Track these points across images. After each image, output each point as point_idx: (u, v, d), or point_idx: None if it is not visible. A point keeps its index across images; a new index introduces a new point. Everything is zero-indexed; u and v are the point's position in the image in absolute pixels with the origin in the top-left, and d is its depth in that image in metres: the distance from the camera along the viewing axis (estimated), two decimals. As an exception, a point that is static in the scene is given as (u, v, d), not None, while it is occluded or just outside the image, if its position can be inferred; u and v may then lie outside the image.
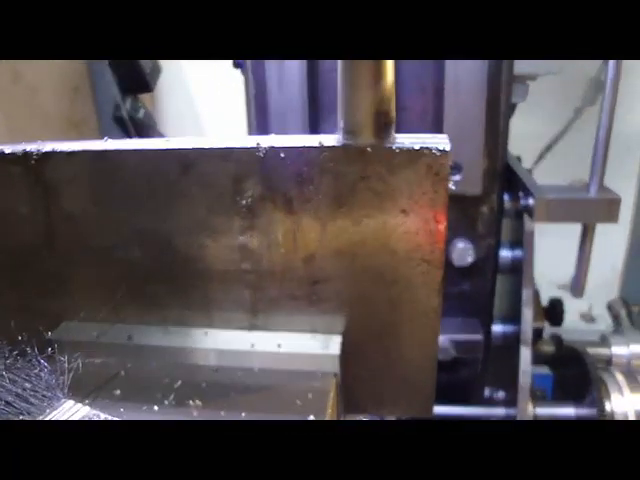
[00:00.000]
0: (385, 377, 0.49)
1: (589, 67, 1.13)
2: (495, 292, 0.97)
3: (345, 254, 0.46)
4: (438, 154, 0.42)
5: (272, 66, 0.90)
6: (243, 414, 0.43)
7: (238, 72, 1.20)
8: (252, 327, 0.50)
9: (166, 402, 0.45)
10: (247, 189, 0.45)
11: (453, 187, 0.43)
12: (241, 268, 0.48)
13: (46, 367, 0.41)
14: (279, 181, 0.44)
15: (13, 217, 0.50)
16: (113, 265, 0.50)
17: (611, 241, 1.39)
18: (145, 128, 1.51)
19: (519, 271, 0.95)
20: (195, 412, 0.44)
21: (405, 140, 0.43)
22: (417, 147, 0.42)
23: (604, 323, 1.17)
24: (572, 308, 1.45)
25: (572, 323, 1.25)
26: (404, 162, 0.42)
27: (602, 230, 0.93)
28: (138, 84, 1.50)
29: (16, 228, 0.51)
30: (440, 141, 0.43)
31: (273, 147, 0.44)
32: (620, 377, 0.87)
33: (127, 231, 0.49)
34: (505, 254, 0.98)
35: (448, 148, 0.42)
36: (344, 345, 0.48)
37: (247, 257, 0.47)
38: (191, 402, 0.44)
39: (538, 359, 0.96)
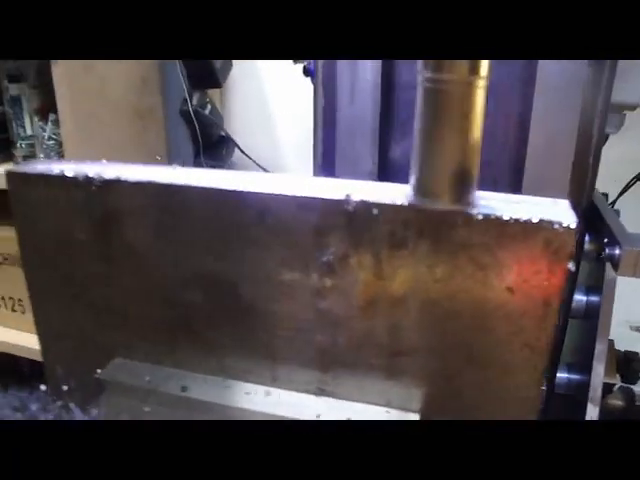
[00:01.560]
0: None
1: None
2: (564, 340, 0.89)
3: (435, 328, 0.39)
4: (560, 230, 0.34)
5: (344, 78, 0.83)
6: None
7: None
8: (320, 392, 0.43)
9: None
10: (330, 244, 0.39)
11: (573, 268, 0.35)
12: (314, 329, 0.41)
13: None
14: (368, 240, 0.38)
15: (72, 242, 0.46)
16: (172, 304, 0.45)
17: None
18: (210, 124, 1.47)
19: (592, 318, 0.87)
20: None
21: (515, 207, 0.36)
22: (535, 220, 0.35)
23: None
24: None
25: (648, 373, 1.14)
26: (517, 235, 0.35)
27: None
28: (207, 79, 1.45)
29: (75, 253, 0.46)
30: (563, 212, 0.35)
31: (365, 202, 0.37)
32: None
33: (190, 271, 0.43)
34: (579, 298, 0.90)
35: (574, 225, 0.34)
36: (421, 426, 0.41)
37: (322, 318, 0.41)
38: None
39: (603, 414, 0.87)
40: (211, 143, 1.50)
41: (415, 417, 0.42)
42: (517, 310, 0.37)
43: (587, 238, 0.87)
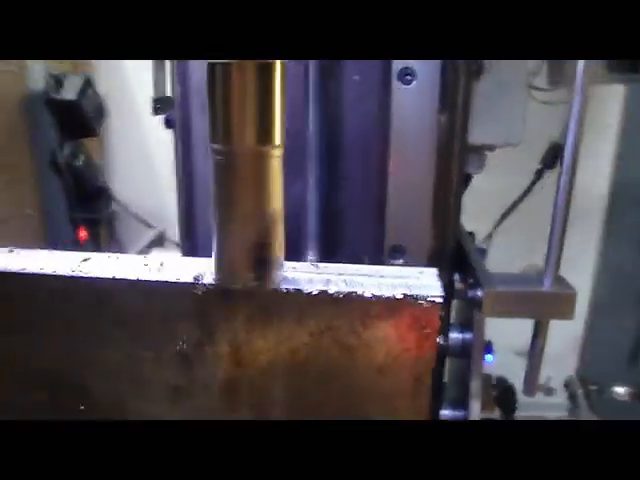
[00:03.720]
0: None
1: (550, 131, 1.08)
2: (442, 378, 0.88)
3: (304, 419, 0.34)
4: (426, 305, 0.31)
5: (198, 130, 0.77)
6: None
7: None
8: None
9: None
10: (181, 332, 0.33)
11: (442, 342, 0.32)
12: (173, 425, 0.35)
13: None
14: (223, 325, 0.33)
15: None
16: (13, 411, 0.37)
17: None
18: (84, 176, 1.36)
19: (468, 355, 0.86)
20: None
21: (378, 282, 0.33)
22: (399, 296, 0.31)
23: (563, 395, 1.07)
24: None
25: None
26: (382, 313, 0.32)
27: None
28: (80, 128, 1.35)
29: None
30: (428, 284, 0.32)
31: (212, 285, 0.32)
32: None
33: (29, 371, 0.36)
34: (455, 336, 0.89)
35: (440, 299, 0.31)
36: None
37: (182, 412, 0.35)
38: None
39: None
40: (87, 195, 1.39)
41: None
42: (390, 392, 0.33)
43: (457, 277, 0.87)
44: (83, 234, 1.39)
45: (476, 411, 0.79)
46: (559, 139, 1.17)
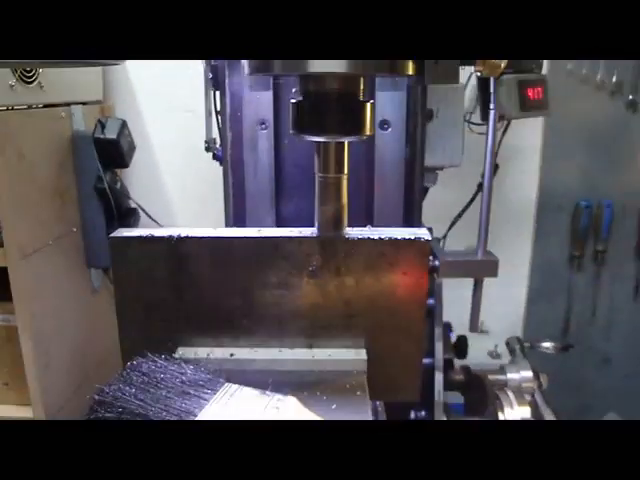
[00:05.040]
0: (390, 371, 0.77)
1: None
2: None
3: (370, 299, 0.74)
4: (424, 242, 0.71)
5: (249, 160, 1.12)
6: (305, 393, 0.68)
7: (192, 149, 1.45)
8: (310, 346, 0.76)
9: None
10: (313, 261, 0.72)
11: (435, 263, 0.73)
12: (305, 309, 0.74)
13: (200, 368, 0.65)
14: (332, 257, 0.72)
15: (154, 278, 0.73)
16: (221, 309, 0.75)
17: (514, 291, 1.87)
18: (123, 198, 1.70)
19: (433, 316, 1.23)
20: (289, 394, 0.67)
21: (397, 233, 0.72)
22: (413, 237, 0.71)
23: (507, 358, 1.42)
24: (482, 346, 1.83)
25: (480, 359, 1.58)
26: (406, 246, 0.72)
27: (507, 282, 1.25)
28: (117, 160, 1.69)
29: (155, 286, 0.74)
30: (424, 233, 0.72)
31: (332, 237, 0.71)
32: (511, 394, 1.10)
33: (233, 287, 0.74)
34: (425, 301, 1.28)
35: (429, 238, 0.71)
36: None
37: (310, 302, 0.74)
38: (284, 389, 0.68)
39: (451, 386, 1.19)
40: (121, 214, 1.73)
41: (363, 351, 0.75)
42: (409, 283, 0.73)
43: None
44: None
45: (440, 351, 1.16)
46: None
